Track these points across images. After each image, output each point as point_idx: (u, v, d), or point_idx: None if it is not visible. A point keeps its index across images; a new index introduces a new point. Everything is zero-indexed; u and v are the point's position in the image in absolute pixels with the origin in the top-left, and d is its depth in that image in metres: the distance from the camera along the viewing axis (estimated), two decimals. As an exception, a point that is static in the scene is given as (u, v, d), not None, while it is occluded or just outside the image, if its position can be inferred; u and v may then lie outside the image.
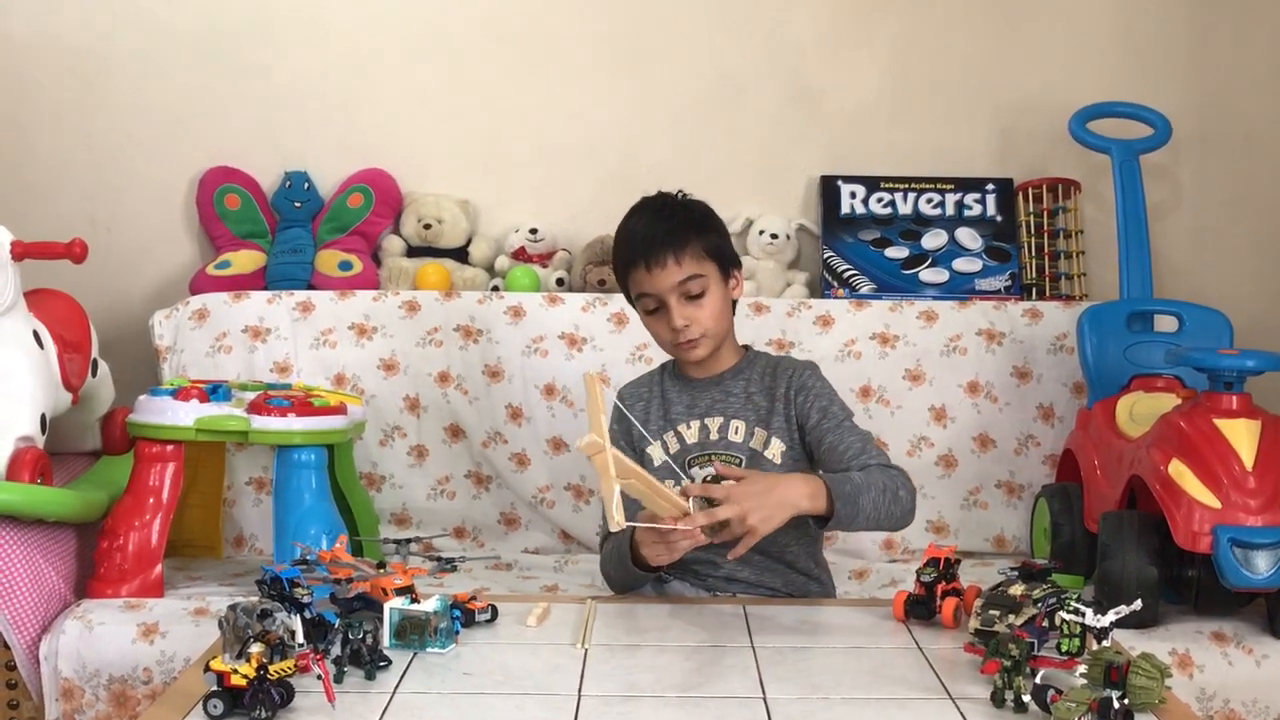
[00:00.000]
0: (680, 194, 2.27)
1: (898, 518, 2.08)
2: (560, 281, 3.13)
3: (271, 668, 1.53)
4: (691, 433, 2.26)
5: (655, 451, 2.25)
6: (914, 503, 2.10)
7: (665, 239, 2.16)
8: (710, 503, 1.93)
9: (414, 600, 1.82)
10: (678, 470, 2.20)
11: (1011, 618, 1.72)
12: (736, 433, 2.24)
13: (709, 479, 2.05)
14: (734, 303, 2.27)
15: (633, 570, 2.13)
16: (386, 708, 1.57)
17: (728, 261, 2.24)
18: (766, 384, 2.26)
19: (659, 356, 2.75)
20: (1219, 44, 3.23)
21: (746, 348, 2.35)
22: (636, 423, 2.24)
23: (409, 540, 2.77)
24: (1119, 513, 2.37)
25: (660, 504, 1.94)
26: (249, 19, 3.20)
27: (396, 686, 1.65)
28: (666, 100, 3.24)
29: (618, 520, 1.80)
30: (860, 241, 3.17)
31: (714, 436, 2.25)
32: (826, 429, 2.19)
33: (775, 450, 2.22)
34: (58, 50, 3.18)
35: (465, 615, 1.89)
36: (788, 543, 2.19)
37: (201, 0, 3.19)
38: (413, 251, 3.20)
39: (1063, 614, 1.66)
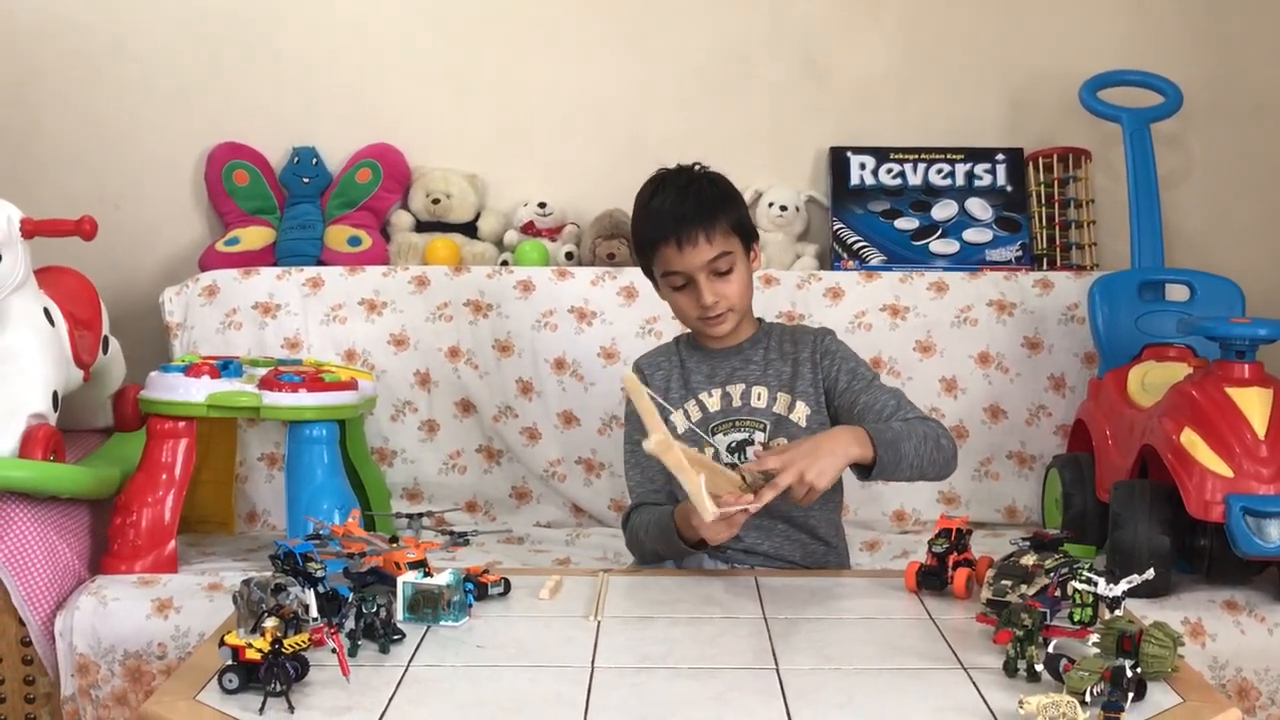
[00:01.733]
0: (698, 166, 2.26)
1: (940, 465, 2.12)
2: (569, 255, 3.12)
3: (286, 642, 1.53)
4: (714, 400, 2.27)
5: (678, 419, 2.25)
6: (955, 450, 2.14)
7: (695, 217, 2.15)
8: (766, 476, 1.96)
9: (427, 574, 1.82)
10: (702, 436, 2.21)
11: (1024, 588, 1.73)
12: (759, 399, 2.25)
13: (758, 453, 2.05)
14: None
15: (680, 547, 2.12)
16: (400, 681, 1.58)
17: (749, 235, 2.25)
18: (787, 350, 2.28)
19: (669, 329, 2.76)
20: (1230, 11, 3.21)
21: (759, 320, 2.35)
22: (657, 397, 2.23)
23: (421, 515, 2.78)
24: (1131, 482, 2.36)
25: (721, 484, 1.95)
26: (256, -4, 3.19)
27: (410, 660, 1.65)
28: (675, 73, 3.22)
29: (711, 510, 1.86)
30: (870, 213, 3.16)
31: (736, 403, 2.26)
32: (859, 390, 2.21)
33: (800, 414, 2.23)
34: (65, 28, 3.17)
35: (478, 589, 1.89)
36: (812, 508, 2.17)
37: (207, -24, 3.19)
38: (421, 226, 3.20)
39: (1075, 584, 1.66)
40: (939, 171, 3.18)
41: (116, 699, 2.27)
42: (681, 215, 2.16)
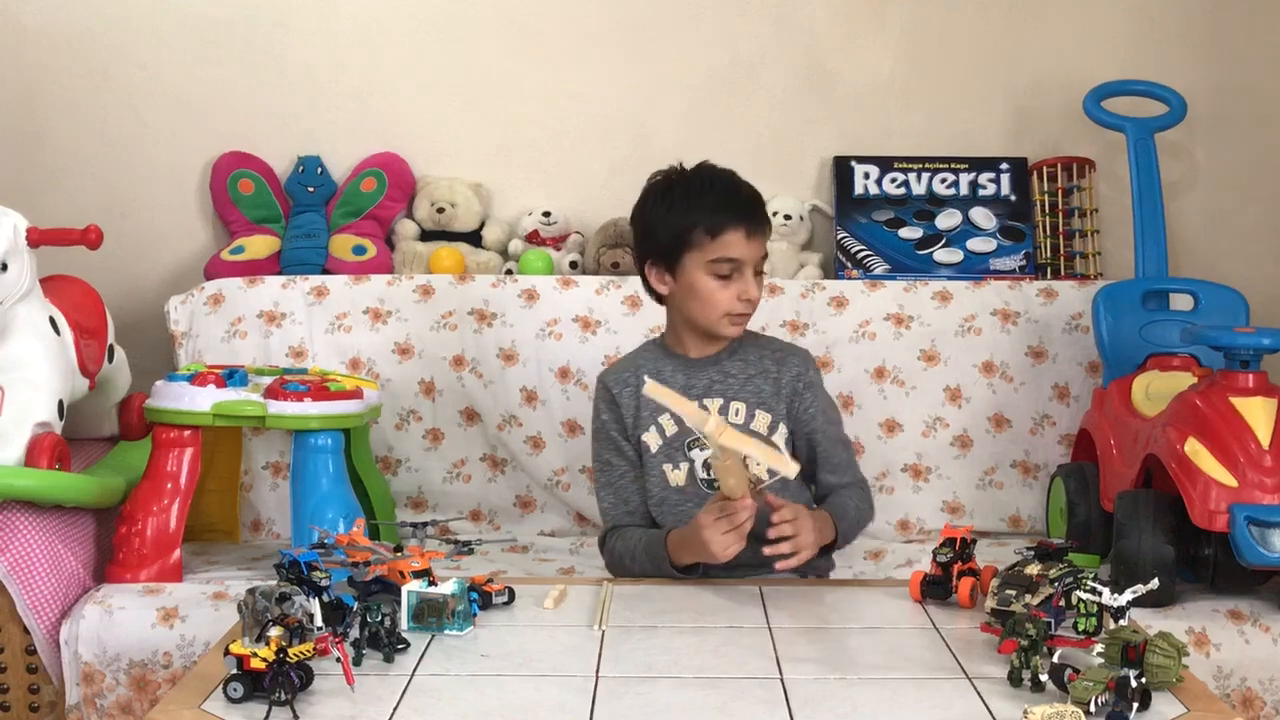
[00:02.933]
0: (736, 175, 2.29)
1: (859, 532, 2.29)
2: (574, 264, 3.13)
3: (291, 651, 1.54)
4: None
5: (650, 438, 2.25)
6: (872, 515, 2.32)
7: (761, 213, 2.23)
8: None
9: (431, 583, 1.83)
10: (674, 457, 2.23)
11: (1028, 597, 1.73)
12: (737, 414, 2.24)
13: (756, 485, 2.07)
14: None
15: (671, 572, 2.13)
16: (405, 690, 1.58)
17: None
18: (769, 368, 2.27)
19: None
20: (1234, 20, 3.21)
21: None
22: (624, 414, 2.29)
23: (425, 524, 2.78)
24: (1135, 492, 2.36)
25: (744, 482, 1.99)
26: (261, 5, 3.20)
27: (415, 669, 1.66)
28: (679, 82, 3.23)
29: (795, 466, 1.96)
30: (874, 222, 3.16)
31: None
32: (821, 435, 2.27)
33: (781, 436, 2.23)
34: (71, 38, 3.19)
35: (482, 598, 1.90)
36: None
37: (213, -13, 3.20)
38: (426, 235, 3.20)
39: (1080, 593, 1.67)
40: (943, 181, 3.18)
41: (121, 708, 2.27)
42: (749, 207, 2.21)
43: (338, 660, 1.57)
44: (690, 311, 2.24)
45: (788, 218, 3.14)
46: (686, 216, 2.20)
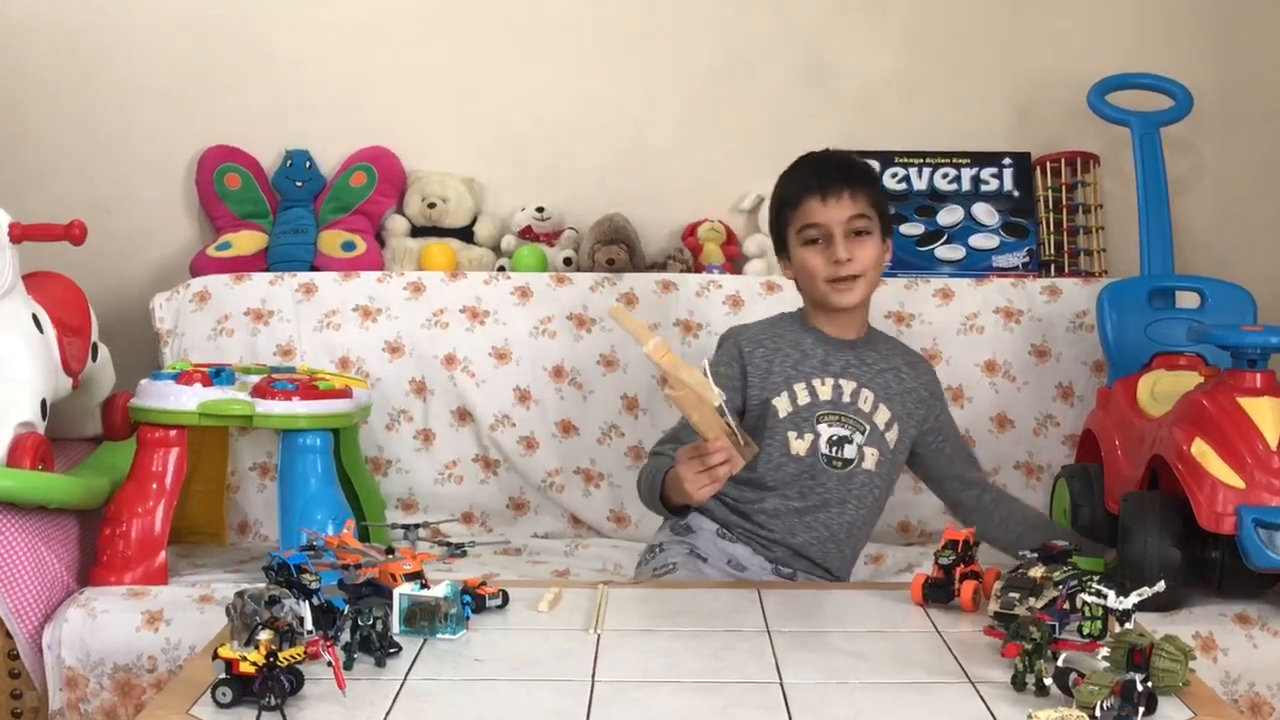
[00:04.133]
0: (845, 153, 2.44)
1: None
2: (568, 261, 3.13)
3: (281, 655, 1.53)
4: (825, 389, 2.32)
5: (781, 403, 2.30)
6: None
7: (841, 175, 2.32)
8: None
9: (423, 586, 1.83)
10: (800, 425, 2.30)
11: (1032, 600, 1.73)
12: (865, 401, 2.32)
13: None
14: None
15: (659, 506, 2.24)
16: (397, 695, 1.58)
17: (887, 223, 2.36)
18: (899, 368, 2.38)
19: (674, 337, 2.77)
20: (1242, 13, 3.22)
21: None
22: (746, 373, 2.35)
23: (417, 525, 2.77)
24: (1140, 494, 2.37)
25: (710, 426, 2.03)
26: (248, -3, 3.20)
27: (407, 673, 1.66)
28: (676, 77, 3.23)
29: (718, 392, 1.98)
30: (874, 218, 3.16)
31: (846, 399, 2.32)
32: (947, 438, 2.44)
33: (892, 436, 2.34)
34: (54, 30, 3.18)
35: (476, 601, 1.90)
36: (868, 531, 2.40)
37: (199, -23, 3.20)
38: (417, 231, 3.20)
39: (1084, 596, 1.67)
40: (945, 176, 3.19)
41: (105, 713, 2.27)
42: (827, 172, 2.33)
43: (328, 664, 1.57)
44: (804, 288, 2.38)
45: (786, 214, 3.14)
46: (780, 195, 2.39)
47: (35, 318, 2.43)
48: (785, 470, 2.30)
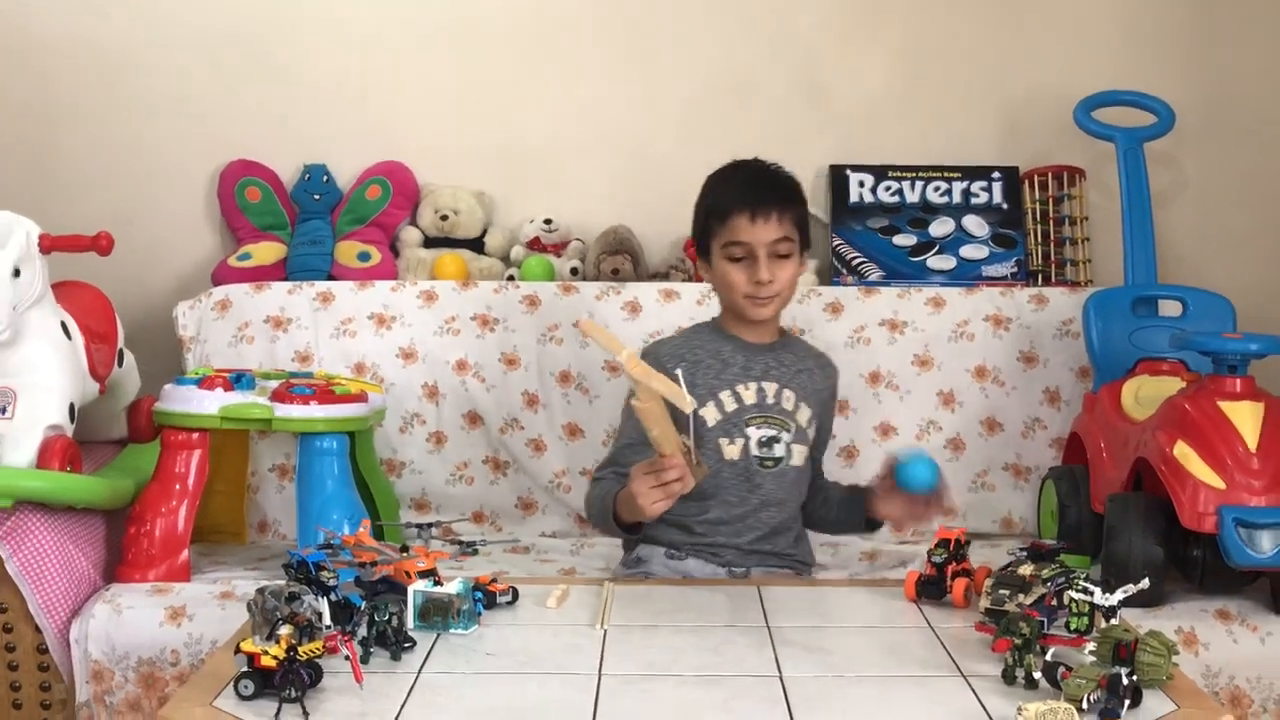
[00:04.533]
0: (774, 166, 2.35)
1: None
2: (574, 271, 3.13)
3: (300, 649, 1.54)
4: (749, 394, 2.30)
5: (709, 413, 2.28)
6: None
7: (771, 197, 2.26)
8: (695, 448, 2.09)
9: (437, 583, 1.83)
10: (730, 431, 2.27)
11: (1021, 597, 1.74)
12: (788, 401, 2.31)
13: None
14: None
15: (612, 526, 2.21)
16: (412, 687, 1.59)
17: (806, 240, 2.33)
18: (811, 369, 2.37)
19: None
20: (1222, 32, 3.22)
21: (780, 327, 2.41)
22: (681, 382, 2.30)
23: (429, 525, 2.78)
24: (1125, 494, 2.37)
25: (669, 442, 2.02)
26: (268, 17, 3.20)
27: (421, 667, 1.66)
28: (678, 93, 3.24)
29: (691, 400, 1.98)
30: (869, 229, 3.17)
31: (770, 400, 2.30)
32: (821, 443, 2.43)
33: (811, 433, 2.34)
34: (82, 49, 3.19)
35: (487, 597, 1.90)
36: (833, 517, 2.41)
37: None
38: (430, 242, 3.21)
39: (1072, 593, 1.67)
40: (936, 189, 3.19)
41: (130, 705, 2.27)
42: (760, 190, 2.27)
43: (346, 658, 1.57)
44: (721, 297, 2.35)
45: (784, 225, 3.14)
46: (709, 202, 2.33)
47: (64, 325, 2.44)
48: (722, 476, 2.27)
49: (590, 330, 2.12)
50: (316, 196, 3.20)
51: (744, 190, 2.27)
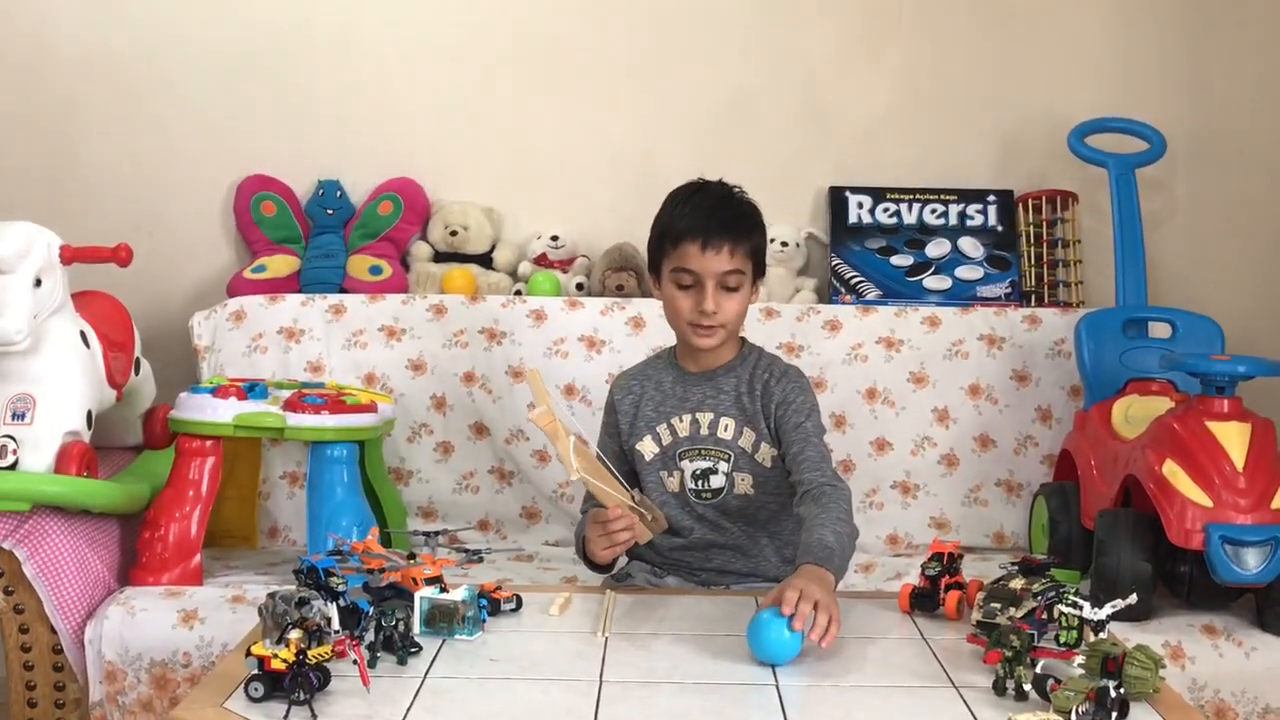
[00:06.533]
0: (738, 189, 2.26)
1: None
2: (580, 286, 3.14)
3: (310, 653, 1.54)
4: (683, 426, 2.25)
5: (646, 446, 2.26)
6: (853, 525, 2.05)
7: (726, 228, 2.15)
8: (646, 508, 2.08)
9: (443, 590, 1.83)
10: (668, 465, 2.25)
11: (1012, 610, 1.74)
12: (725, 430, 2.23)
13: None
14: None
15: (589, 567, 2.20)
16: (418, 692, 1.59)
17: (761, 267, 2.24)
18: (756, 389, 2.22)
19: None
20: (1212, 62, 3.23)
21: (743, 341, 2.31)
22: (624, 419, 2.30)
23: (436, 533, 2.78)
24: (1114, 511, 2.37)
25: (610, 496, 2.03)
26: (284, 37, 3.21)
27: (427, 671, 1.66)
28: (683, 115, 3.25)
29: (576, 467, 1.94)
30: (867, 250, 3.17)
31: (704, 431, 2.24)
32: (794, 437, 2.16)
33: (765, 454, 2.21)
34: (104, 65, 3.20)
35: (491, 604, 1.90)
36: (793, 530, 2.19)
37: (240, 18, 3.20)
38: (439, 257, 3.21)
39: (1061, 607, 1.67)
40: (933, 211, 3.20)
41: (142, 705, 2.28)
42: (715, 221, 2.15)
43: (354, 662, 1.58)
44: (668, 319, 2.26)
45: (785, 244, 3.15)
46: (664, 225, 2.22)
47: (83, 334, 2.44)
48: (669, 509, 2.23)
49: (531, 379, 2.06)
50: (330, 211, 3.21)
51: (699, 217, 2.16)
